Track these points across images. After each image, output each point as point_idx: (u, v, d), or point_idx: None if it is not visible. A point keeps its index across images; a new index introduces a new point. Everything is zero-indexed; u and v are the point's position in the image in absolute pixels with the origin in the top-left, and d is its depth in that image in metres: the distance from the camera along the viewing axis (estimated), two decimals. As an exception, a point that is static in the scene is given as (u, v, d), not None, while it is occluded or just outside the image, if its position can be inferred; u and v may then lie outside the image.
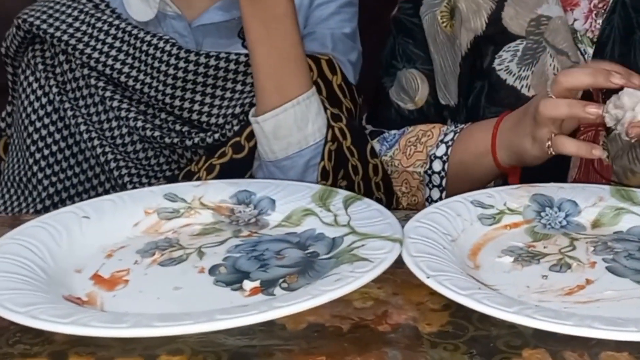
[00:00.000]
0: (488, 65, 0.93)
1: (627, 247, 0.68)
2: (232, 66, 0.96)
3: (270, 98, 0.87)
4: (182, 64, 0.96)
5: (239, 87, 0.96)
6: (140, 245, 0.71)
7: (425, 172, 0.93)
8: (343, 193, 0.75)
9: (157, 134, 0.96)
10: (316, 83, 0.92)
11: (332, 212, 0.73)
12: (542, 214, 0.74)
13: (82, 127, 0.97)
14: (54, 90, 0.99)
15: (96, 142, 0.97)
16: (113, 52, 0.98)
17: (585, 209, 0.74)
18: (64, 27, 0.99)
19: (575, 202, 0.75)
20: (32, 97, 1.00)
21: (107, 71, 0.97)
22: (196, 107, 0.96)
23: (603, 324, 0.52)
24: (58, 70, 1.00)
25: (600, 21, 0.90)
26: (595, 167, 0.90)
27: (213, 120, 0.96)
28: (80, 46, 0.98)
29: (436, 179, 0.92)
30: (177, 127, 0.97)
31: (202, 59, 0.96)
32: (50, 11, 1.01)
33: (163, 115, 0.97)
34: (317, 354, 0.56)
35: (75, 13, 1.01)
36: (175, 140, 0.95)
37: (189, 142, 0.95)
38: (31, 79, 1.00)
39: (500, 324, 0.58)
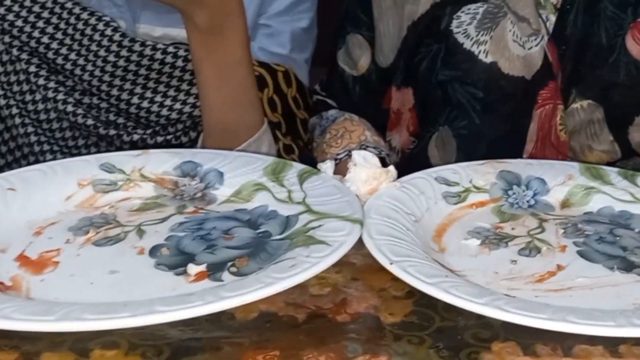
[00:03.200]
0: (445, 27, 0.88)
1: (598, 229, 0.64)
2: (179, 63, 0.88)
3: (218, 141, 0.82)
4: (124, 52, 0.86)
5: (184, 86, 0.89)
6: (73, 221, 0.64)
7: None
8: (298, 166, 0.70)
9: (90, 122, 0.87)
10: (272, 100, 0.90)
11: (286, 187, 0.67)
12: (510, 192, 0.70)
13: (2, 100, 0.87)
14: None
15: (18, 119, 0.87)
16: (40, 24, 0.86)
17: (554, 187, 0.70)
18: None
19: (544, 180, 0.71)
20: None
21: (33, 44, 0.86)
22: (135, 100, 0.88)
23: (579, 317, 0.48)
24: None
25: None
26: (552, 142, 0.86)
27: (153, 117, 0.88)
28: (1, 10, 0.86)
29: None
30: (112, 118, 0.88)
31: (148, 51, 0.87)
32: None
33: (96, 101, 0.88)
34: (269, 348, 0.50)
35: None
36: (112, 132, 0.87)
37: (126, 138, 0.87)
38: None
39: (468, 314, 0.53)
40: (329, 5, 1.04)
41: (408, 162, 0.94)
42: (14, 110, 0.88)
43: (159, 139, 0.88)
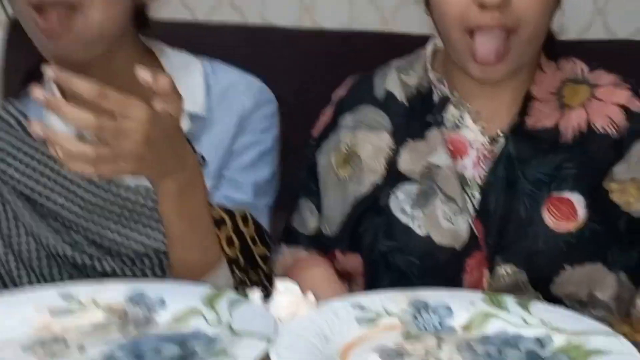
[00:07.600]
0: (385, 204, 1.00)
1: (488, 348, 0.72)
2: (150, 203, 1.00)
3: (181, 275, 0.93)
4: (102, 193, 0.99)
5: (153, 223, 1.01)
6: (27, 341, 0.73)
7: None
8: (231, 295, 0.79)
9: (69, 253, 0.99)
10: (230, 238, 1.00)
11: (217, 312, 0.76)
12: (418, 317, 0.78)
13: None
14: None
15: (2, 253, 0.99)
16: (28, 171, 1.00)
17: (458, 313, 0.78)
18: None
19: (450, 307, 0.79)
20: None
21: (18, 187, 1.00)
22: (110, 234, 1.00)
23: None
24: None
25: (487, 169, 0.98)
26: None
27: (123, 249, 1.00)
28: None
29: None
30: (88, 250, 1.00)
31: (122, 191, 1.00)
32: None
33: (74, 235, 1.00)
34: None
35: None
36: (87, 262, 0.99)
37: (99, 268, 0.98)
38: None
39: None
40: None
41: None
42: None
43: (127, 271, 0.98)
